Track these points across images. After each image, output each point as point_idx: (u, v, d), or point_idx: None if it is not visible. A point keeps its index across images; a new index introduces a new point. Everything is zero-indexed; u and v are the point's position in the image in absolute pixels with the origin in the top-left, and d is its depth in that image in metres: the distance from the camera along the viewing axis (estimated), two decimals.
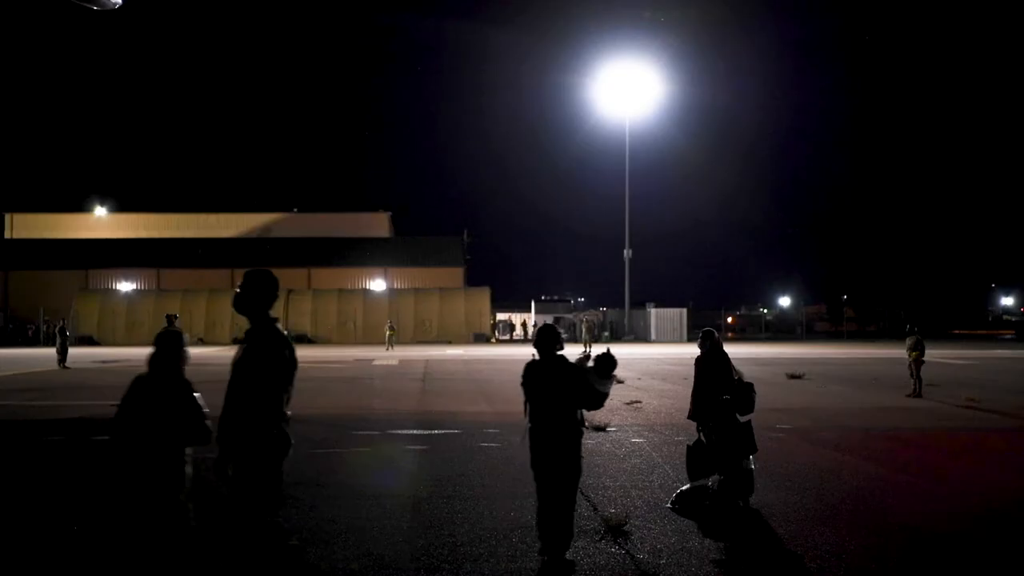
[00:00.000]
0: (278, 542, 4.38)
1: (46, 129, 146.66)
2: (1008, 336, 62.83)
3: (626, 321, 54.88)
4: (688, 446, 7.13)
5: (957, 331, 64.16)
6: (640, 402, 14.71)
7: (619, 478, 8.04)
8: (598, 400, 5.45)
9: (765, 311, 79.57)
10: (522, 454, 5.65)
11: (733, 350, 8.91)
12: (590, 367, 5.49)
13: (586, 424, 5.62)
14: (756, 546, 5.89)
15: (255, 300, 4.43)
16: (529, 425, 5.51)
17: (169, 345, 4.60)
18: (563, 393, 5.42)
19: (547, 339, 5.56)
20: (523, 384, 5.59)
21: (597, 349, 5.94)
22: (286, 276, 64.27)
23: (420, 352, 36.01)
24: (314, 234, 64.65)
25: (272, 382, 4.29)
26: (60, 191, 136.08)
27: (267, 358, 4.29)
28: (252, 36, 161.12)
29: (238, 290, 4.48)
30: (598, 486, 7.63)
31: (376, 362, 28.60)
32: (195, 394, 4.53)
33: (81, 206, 70.29)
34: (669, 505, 6.80)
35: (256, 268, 4.66)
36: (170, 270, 59.86)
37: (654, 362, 27.43)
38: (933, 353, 22.06)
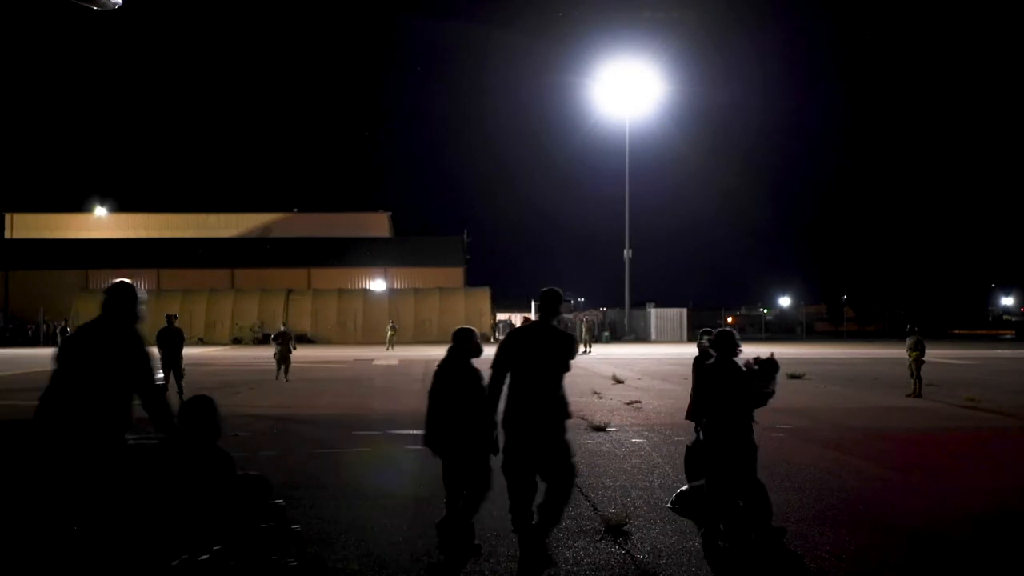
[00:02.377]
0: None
1: (46, 129, 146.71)
2: (1008, 336, 62.81)
3: (626, 321, 54.88)
4: (688, 446, 7.12)
5: (957, 331, 64.16)
6: (640, 402, 14.71)
7: (619, 478, 8.04)
8: (763, 400, 5.81)
9: (765, 311, 79.53)
10: None
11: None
12: (755, 370, 5.86)
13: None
14: (756, 546, 5.88)
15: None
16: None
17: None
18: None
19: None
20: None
21: (597, 349, 5.98)
22: (286, 276, 64.69)
23: (420, 352, 36.00)
24: (314, 234, 64.64)
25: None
26: (60, 191, 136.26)
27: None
28: (252, 36, 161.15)
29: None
30: (598, 486, 7.63)
31: (376, 362, 28.59)
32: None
33: (81, 206, 70.35)
34: (669, 505, 6.78)
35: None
36: (170, 270, 59.88)
37: (654, 362, 27.43)
38: (933, 353, 22.05)
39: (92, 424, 4.18)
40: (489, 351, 5.72)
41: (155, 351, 4.32)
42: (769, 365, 5.88)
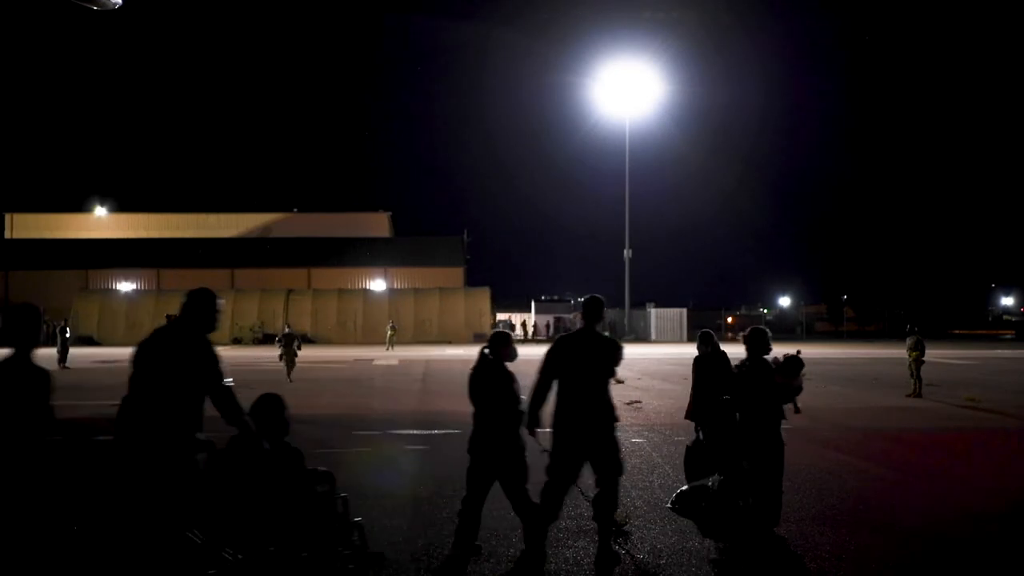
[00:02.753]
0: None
1: (46, 129, 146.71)
2: (1008, 336, 62.81)
3: (626, 321, 54.88)
4: (687, 446, 7.13)
5: (957, 331, 64.16)
6: (640, 402, 14.72)
7: None
8: (790, 396, 6.16)
9: (765, 311, 79.56)
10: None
11: (733, 350, 8.90)
12: (781, 364, 6.15)
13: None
14: (756, 546, 5.89)
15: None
16: None
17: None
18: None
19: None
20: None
21: None
22: (286, 276, 64.53)
23: (420, 352, 36.00)
24: (314, 234, 64.59)
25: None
26: (60, 191, 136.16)
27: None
28: (252, 36, 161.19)
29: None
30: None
31: (376, 362, 28.59)
32: None
33: (81, 206, 70.27)
34: (669, 505, 6.78)
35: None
36: (170, 270, 59.83)
37: (654, 362, 27.43)
38: (933, 353, 22.05)
39: (172, 425, 4.31)
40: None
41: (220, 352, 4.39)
42: (794, 362, 6.14)
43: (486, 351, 5.70)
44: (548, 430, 5.49)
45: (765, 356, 6.12)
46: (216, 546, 4.32)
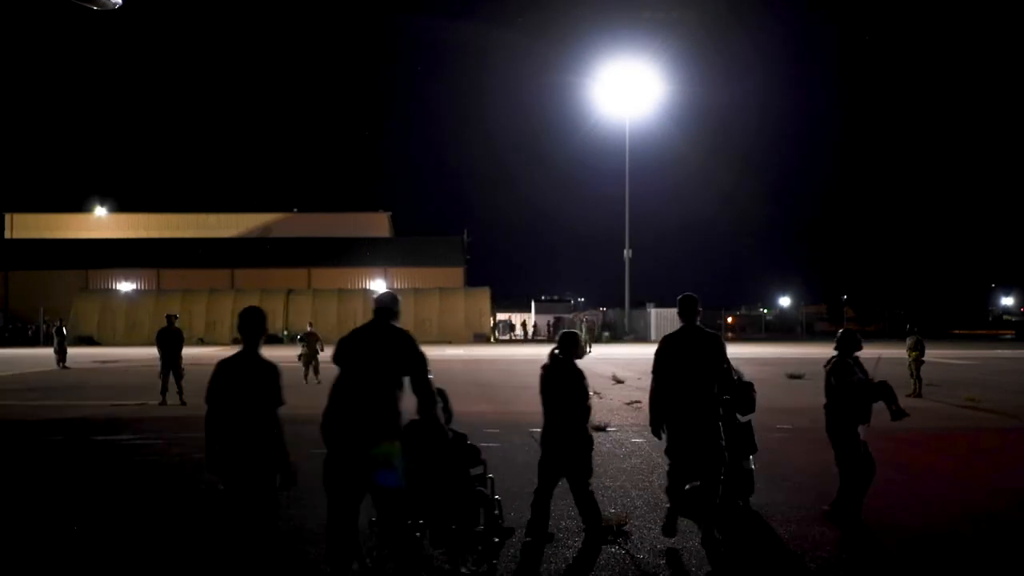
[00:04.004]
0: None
1: (46, 129, 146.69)
2: (1008, 336, 62.79)
3: (626, 321, 54.89)
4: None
5: (957, 331, 64.15)
6: (640, 402, 14.70)
7: (619, 478, 8.04)
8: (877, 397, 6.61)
9: (765, 311, 79.51)
10: (523, 455, 5.64)
11: (733, 350, 8.89)
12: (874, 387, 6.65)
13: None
14: (756, 546, 5.89)
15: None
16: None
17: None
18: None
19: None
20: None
21: (597, 349, 6.12)
22: (286, 276, 64.54)
23: None
24: (314, 234, 64.62)
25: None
26: (60, 191, 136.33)
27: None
28: (252, 36, 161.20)
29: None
30: (598, 486, 7.59)
31: None
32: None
33: (81, 206, 70.35)
34: (669, 505, 6.78)
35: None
36: (170, 270, 59.88)
37: None
38: (933, 353, 22.05)
39: (386, 408, 4.95)
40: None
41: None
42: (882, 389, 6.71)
43: (556, 352, 5.92)
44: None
45: (856, 355, 6.57)
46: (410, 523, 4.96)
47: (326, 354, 10.14)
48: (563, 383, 5.81)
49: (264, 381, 4.70)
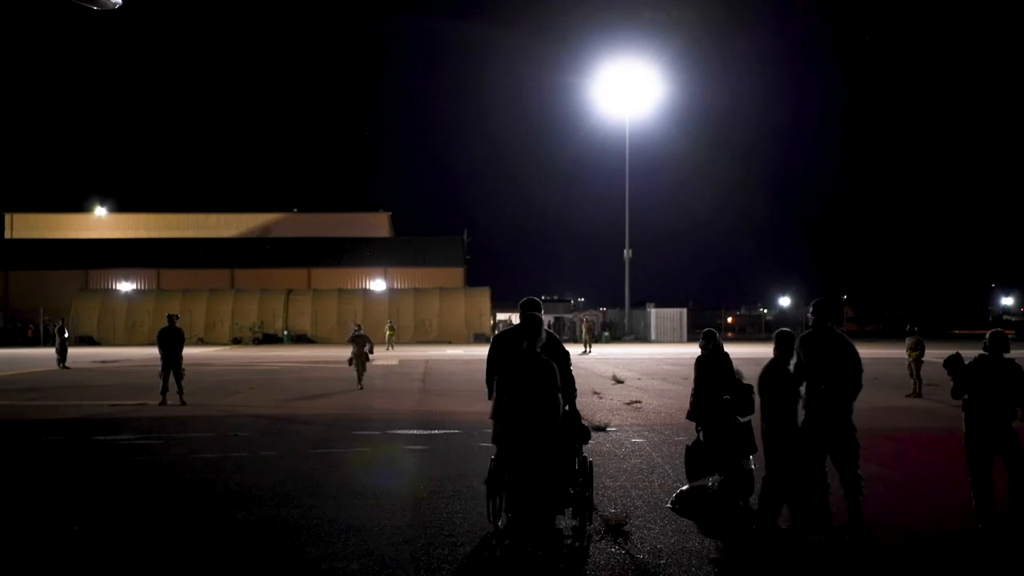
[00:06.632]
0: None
1: (46, 129, 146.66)
2: (1008, 336, 62.65)
3: (626, 321, 54.87)
4: (687, 446, 7.13)
5: (957, 331, 64.13)
6: (640, 402, 14.72)
7: (619, 478, 8.04)
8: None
9: (765, 311, 79.51)
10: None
11: (733, 350, 8.91)
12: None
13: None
14: (756, 546, 5.89)
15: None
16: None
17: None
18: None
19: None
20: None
21: (597, 349, 6.20)
22: (286, 276, 64.41)
23: (420, 352, 36.01)
24: (314, 234, 64.61)
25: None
26: (60, 191, 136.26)
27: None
28: (252, 36, 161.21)
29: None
30: (598, 486, 7.60)
31: (376, 362, 28.57)
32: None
33: (81, 206, 70.30)
34: (669, 505, 6.79)
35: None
36: (170, 270, 59.84)
37: (654, 362, 27.43)
38: (933, 353, 22.01)
39: (552, 400, 5.71)
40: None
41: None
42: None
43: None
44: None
45: (1006, 355, 6.77)
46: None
47: (378, 353, 10.15)
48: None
49: (543, 375, 5.70)
